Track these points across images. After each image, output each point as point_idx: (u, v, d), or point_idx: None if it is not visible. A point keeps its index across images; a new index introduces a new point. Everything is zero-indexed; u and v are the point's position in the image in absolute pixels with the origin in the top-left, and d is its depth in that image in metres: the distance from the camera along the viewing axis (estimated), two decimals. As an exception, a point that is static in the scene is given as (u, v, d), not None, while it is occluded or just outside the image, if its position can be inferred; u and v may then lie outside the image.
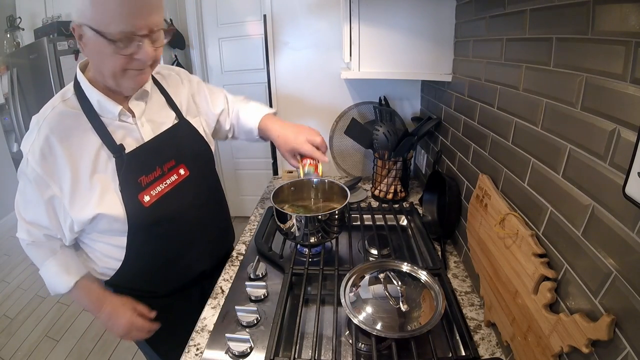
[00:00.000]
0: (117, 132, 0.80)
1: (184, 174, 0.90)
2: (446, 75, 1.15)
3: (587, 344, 0.48)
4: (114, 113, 0.79)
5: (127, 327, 0.88)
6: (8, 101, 2.35)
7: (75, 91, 0.79)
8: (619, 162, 0.45)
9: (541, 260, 0.60)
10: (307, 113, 1.62)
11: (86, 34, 0.68)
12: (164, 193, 0.85)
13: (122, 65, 0.71)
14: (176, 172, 0.88)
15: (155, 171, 0.84)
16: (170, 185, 0.87)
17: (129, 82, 0.76)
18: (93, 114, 0.77)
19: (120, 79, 0.74)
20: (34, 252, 0.86)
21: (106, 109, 0.79)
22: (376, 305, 0.77)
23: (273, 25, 1.50)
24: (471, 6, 0.97)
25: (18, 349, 1.97)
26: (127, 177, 0.79)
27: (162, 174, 0.85)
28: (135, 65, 0.73)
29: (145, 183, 0.82)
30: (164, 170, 0.86)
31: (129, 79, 0.75)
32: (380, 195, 1.39)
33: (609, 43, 0.47)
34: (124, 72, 0.73)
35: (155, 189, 0.84)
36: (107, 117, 0.79)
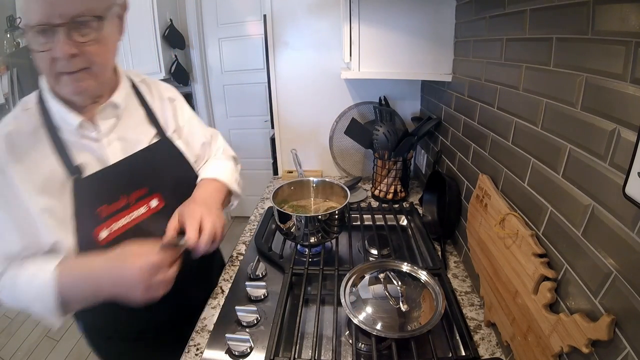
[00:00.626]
0: (78, 151, 0.67)
1: (157, 205, 0.74)
2: (446, 75, 1.15)
3: (587, 344, 0.48)
4: (73, 125, 0.67)
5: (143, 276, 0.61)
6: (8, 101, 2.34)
7: (38, 101, 0.68)
8: (619, 162, 0.45)
9: (541, 260, 0.60)
10: (307, 113, 1.62)
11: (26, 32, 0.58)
12: (127, 229, 0.70)
13: (48, 67, 0.60)
14: (146, 203, 0.73)
15: (118, 201, 0.69)
16: (137, 220, 0.71)
17: (66, 89, 0.64)
18: (53, 128, 0.66)
19: (57, 85, 0.64)
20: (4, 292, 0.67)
21: (66, 120, 0.67)
22: (376, 305, 0.77)
23: (273, 25, 1.50)
24: (471, 6, 0.97)
25: (18, 349, 1.97)
26: (82, 205, 0.65)
27: (127, 205, 0.71)
28: (60, 67, 0.60)
29: (104, 215, 0.68)
30: (130, 200, 0.71)
31: (64, 85, 0.63)
32: (380, 195, 1.39)
33: (609, 43, 0.47)
34: (57, 77, 0.62)
35: (117, 223, 0.69)
36: (67, 131, 0.67)
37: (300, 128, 1.65)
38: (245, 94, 2.89)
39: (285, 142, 1.70)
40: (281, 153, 1.72)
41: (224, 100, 2.95)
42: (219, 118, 3.01)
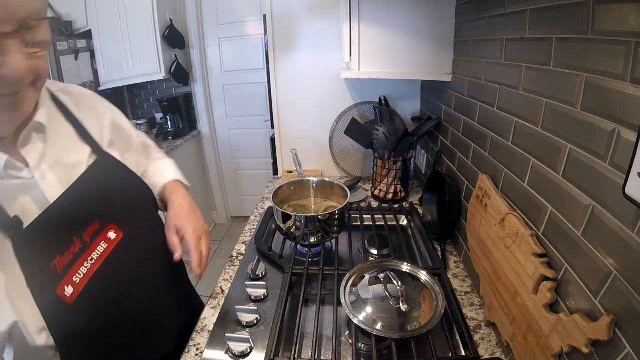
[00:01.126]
0: (9, 197, 0.52)
1: (116, 237, 0.64)
2: (446, 75, 1.15)
3: (587, 344, 0.48)
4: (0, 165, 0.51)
5: None
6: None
7: None
8: (619, 162, 0.45)
9: (541, 260, 0.60)
10: (307, 113, 1.62)
11: None
12: (91, 275, 0.58)
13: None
14: (104, 237, 0.62)
15: (73, 245, 0.57)
16: (99, 261, 0.60)
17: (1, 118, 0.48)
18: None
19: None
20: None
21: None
22: (376, 305, 0.77)
23: (273, 25, 1.50)
24: (471, 6, 0.97)
25: (18, 349, 1.97)
26: (33, 263, 0.52)
27: (84, 246, 0.59)
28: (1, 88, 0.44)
29: (62, 267, 0.55)
30: (85, 240, 0.59)
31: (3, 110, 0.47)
32: (380, 195, 1.39)
33: (609, 43, 0.47)
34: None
35: (79, 271, 0.57)
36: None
37: (300, 128, 1.65)
38: (245, 94, 2.89)
39: (285, 142, 1.70)
40: (281, 153, 1.72)
41: (224, 100, 2.95)
42: (219, 118, 3.01)
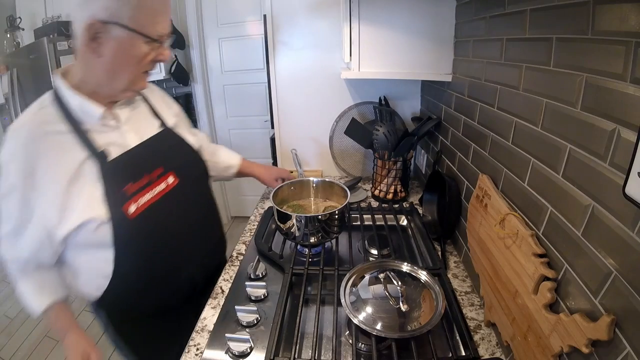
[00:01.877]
0: (100, 138, 0.75)
1: (173, 182, 0.85)
2: (446, 75, 1.15)
3: (587, 344, 0.48)
4: (96, 116, 0.75)
5: None
6: (8, 101, 2.34)
7: (54, 99, 0.74)
8: (619, 162, 0.45)
9: (541, 260, 0.60)
10: (307, 113, 1.62)
11: (112, 34, 0.66)
12: (151, 203, 0.79)
13: (145, 66, 0.73)
14: (164, 180, 0.83)
15: (142, 179, 0.78)
16: (159, 195, 0.81)
17: (139, 84, 0.77)
18: (73, 121, 0.73)
19: (137, 80, 0.75)
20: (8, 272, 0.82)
21: (88, 112, 0.74)
22: (376, 305, 0.77)
23: (273, 25, 1.50)
24: (471, 6, 0.97)
25: (18, 349, 1.97)
26: (111, 185, 0.74)
27: (150, 181, 0.80)
28: (152, 67, 0.76)
29: (131, 192, 0.76)
30: (152, 177, 0.81)
31: (141, 80, 0.77)
32: (380, 195, 1.39)
33: (609, 43, 0.47)
34: (141, 75, 0.75)
35: (142, 198, 0.78)
36: (88, 123, 0.75)
37: (300, 128, 1.65)
38: (245, 94, 2.89)
39: (285, 142, 1.70)
40: (281, 153, 1.72)
41: (224, 100, 2.95)
42: (219, 118, 3.01)
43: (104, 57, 0.69)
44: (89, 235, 0.74)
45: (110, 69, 0.72)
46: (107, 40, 0.67)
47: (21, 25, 2.58)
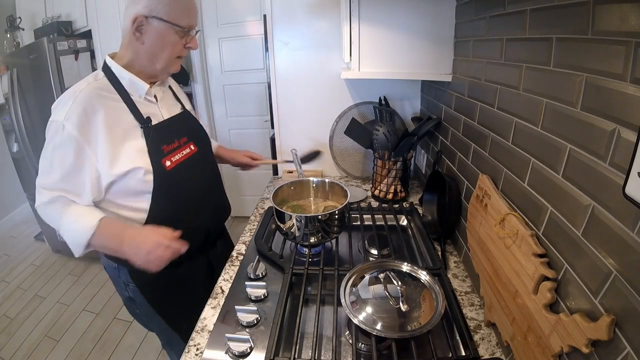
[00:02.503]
0: (143, 108, 0.94)
1: (194, 149, 1.05)
2: (446, 75, 1.15)
3: (587, 344, 0.48)
4: (144, 90, 0.94)
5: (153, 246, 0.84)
6: (8, 101, 2.34)
7: (105, 74, 0.91)
8: (619, 162, 0.45)
9: (541, 260, 0.60)
10: (307, 113, 1.62)
11: (153, 25, 0.86)
12: (180, 161, 0.98)
13: (178, 52, 0.92)
14: (188, 146, 1.03)
15: (173, 143, 0.98)
16: (185, 156, 1.01)
17: (174, 67, 0.96)
18: (123, 91, 0.91)
19: (170, 64, 0.94)
20: (52, 209, 0.88)
21: (137, 86, 0.93)
22: (376, 305, 0.77)
23: (273, 25, 1.50)
24: (471, 6, 0.97)
25: (18, 349, 1.97)
26: (152, 143, 0.92)
27: (179, 146, 1.00)
28: (183, 53, 0.94)
29: (167, 151, 0.95)
30: (180, 143, 1.01)
31: (175, 64, 0.96)
32: (380, 195, 1.39)
33: (609, 43, 0.47)
34: (174, 60, 0.94)
35: (174, 157, 0.97)
36: (135, 95, 0.93)
37: (300, 128, 1.65)
38: (245, 94, 2.88)
39: (285, 142, 1.70)
40: (281, 153, 1.72)
41: (224, 100, 2.95)
42: (219, 118, 3.01)
43: (146, 44, 0.88)
44: (137, 183, 0.90)
45: (151, 53, 0.90)
46: (148, 31, 0.86)
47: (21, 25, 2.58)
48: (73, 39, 2.32)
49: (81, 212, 0.87)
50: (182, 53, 0.94)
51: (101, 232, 0.85)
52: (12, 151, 2.59)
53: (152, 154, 0.91)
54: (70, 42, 2.29)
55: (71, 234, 0.87)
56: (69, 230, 0.87)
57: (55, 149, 0.84)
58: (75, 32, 2.46)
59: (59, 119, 0.83)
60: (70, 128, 0.82)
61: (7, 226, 3.37)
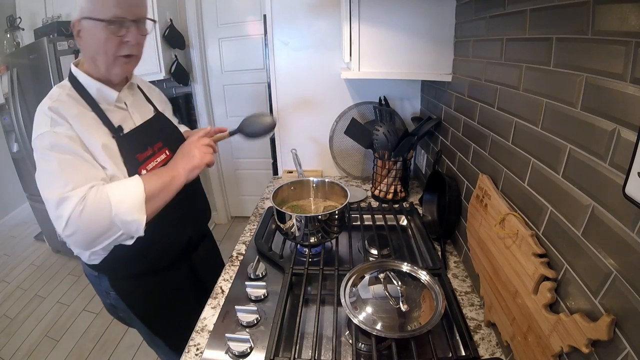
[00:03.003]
0: (114, 117, 0.90)
1: (169, 154, 0.99)
2: (446, 75, 1.15)
3: (587, 344, 0.48)
4: (112, 98, 0.90)
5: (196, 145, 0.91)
6: (8, 101, 2.34)
7: (71, 84, 0.87)
8: (619, 162, 0.45)
9: (541, 260, 0.60)
10: (307, 113, 1.62)
11: (84, 26, 0.81)
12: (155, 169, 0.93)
13: (114, 49, 0.82)
14: (164, 152, 0.99)
15: (147, 150, 0.94)
16: (160, 163, 0.96)
17: (118, 69, 0.87)
18: (91, 100, 0.87)
19: (112, 65, 0.85)
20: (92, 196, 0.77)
21: (105, 95, 0.89)
22: (376, 305, 0.77)
23: (273, 25, 1.50)
24: (471, 6, 0.97)
25: (18, 349, 1.97)
26: (127, 153, 0.89)
27: (153, 153, 0.96)
28: (124, 50, 0.84)
29: (141, 159, 0.92)
30: (155, 149, 0.96)
31: (119, 66, 0.86)
32: (380, 195, 1.39)
33: (609, 43, 0.47)
34: (115, 60, 0.84)
35: (149, 164, 0.93)
36: (104, 104, 0.89)
37: (300, 128, 1.65)
38: (245, 94, 2.89)
39: (285, 142, 1.70)
40: (281, 153, 1.72)
41: (224, 100, 2.95)
42: (219, 118, 3.01)
43: (85, 48, 0.85)
44: None
45: (90, 56, 0.86)
46: (84, 33, 0.82)
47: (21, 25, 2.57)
48: (73, 38, 2.31)
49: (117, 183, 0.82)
50: (123, 51, 0.84)
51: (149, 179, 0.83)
52: (12, 151, 2.59)
53: (127, 164, 0.87)
54: (70, 42, 2.28)
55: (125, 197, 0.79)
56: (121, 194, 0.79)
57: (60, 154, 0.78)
58: (75, 32, 2.46)
59: (45, 130, 0.79)
60: (63, 131, 0.79)
61: (7, 226, 3.37)
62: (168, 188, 0.86)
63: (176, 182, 0.87)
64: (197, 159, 0.89)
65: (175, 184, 0.87)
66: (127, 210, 0.78)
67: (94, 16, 0.79)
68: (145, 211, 0.80)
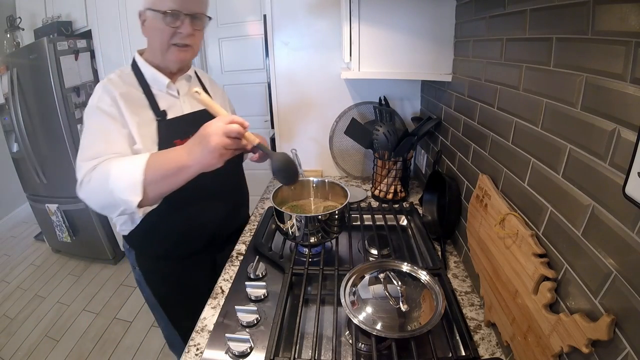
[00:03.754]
0: (163, 101, 0.98)
1: None
2: (446, 75, 1.15)
3: (587, 344, 0.48)
4: (164, 84, 0.98)
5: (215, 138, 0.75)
6: (8, 101, 2.34)
7: (132, 68, 0.99)
8: (619, 162, 0.45)
9: (541, 260, 0.60)
10: (307, 113, 1.62)
11: (147, 16, 0.91)
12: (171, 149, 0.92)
13: (168, 37, 0.92)
14: None
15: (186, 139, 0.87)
16: None
17: (172, 56, 0.95)
18: (145, 84, 0.97)
19: (166, 52, 0.94)
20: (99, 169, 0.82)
21: (157, 80, 0.98)
22: (376, 305, 0.77)
23: (273, 25, 1.50)
24: (471, 6, 0.97)
25: (18, 349, 1.97)
26: (164, 137, 0.94)
27: None
28: (178, 39, 0.93)
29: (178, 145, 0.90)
30: None
31: (172, 53, 0.95)
32: (380, 195, 1.39)
33: (609, 43, 0.47)
34: (169, 47, 0.93)
35: None
36: (156, 88, 0.98)
37: (300, 128, 1.65)
38: (245, 94, 2.88)
39: (285, 142, 1.70)
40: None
41: (224, 100, 2.95)
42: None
43: (147, 36, 0.96)
44: None
45: (150, 44, 0.97)
46: (147, 23, 0.93)
47: (21, 25, 2.57)
48: (73, 39, 2.31)
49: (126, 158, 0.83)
50: (175, 40, 0.92)
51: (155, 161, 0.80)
52: (12, 151, 2.59)
53: (161, 147, 0.92)
54: (70, 42, 2.28)
55: (123, 175, 0.79)
56: (120, 172, 0.79)
57: (95, 124, 0.89)
58: (75, 32, 2.46)
59: (92, 104, 0.90)
60: (105, 107, 0.88)
61: (7, 226, 3.37)
62: (176, 177, 0.81)
63: (185, 174, 0.80)
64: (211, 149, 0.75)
65: (184, 175, 0.81)
66: (123, 189, 0.78)
67: (155, 8, 0.89)
68: (145, 194, 0.79)
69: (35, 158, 2.41)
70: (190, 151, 0.79)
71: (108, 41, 2.37)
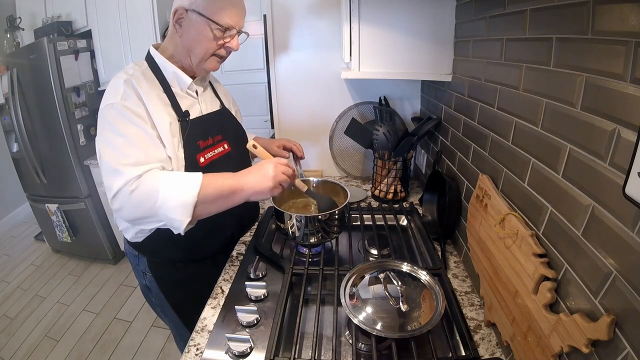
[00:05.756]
0: (183, 101, 0.95)
1: (227, 148, 1.03)
2: (446, 75, 1.15)
3: (587, 344, 0.48)
4: (186, 84, 0.95)
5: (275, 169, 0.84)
6: (8, 101, 2.34)
7: (148, 64, 0.93)
8: (619, 162, 0.45)
9: (541, 260, 0.60)
10: (307, 113, 1.62)
11: (190, 18, 0.86)
12: (213, 159, 0.98)
13: (214, 49, 0.90)
14: (222, 145, 1.02)
15: (208, 140, 0.97)
16: (218, 155, 1.00)
17: (209, 65, 0.94)
18: (165, 83, 0.92)
19: (205, 61, 0.93)
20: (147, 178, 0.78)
21: (180, 79, 0.95)
22: (376, 305, 0.77)
23: (273, 25, 1.50)
24: (471, 6, 0.97)
25: (18, 349, 1.97)
26: (189, 138, 0.92)
27: (213, 143, 0.99)
28: (221, 52, 0.93)
29: (202, 147, 0.95)
30: (214, 140, 0.99)
31: (210, 63, 0.94)
32: (380, 195, 1.39)
33: (609, 43, 0.47)
34: (210, 57, 0.92)
35: (208, 154, 0.96)
36: (176, 88, 0.94)
37: (300, 128, 1.65)
38: (245, 94, 2.88)
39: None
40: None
41: (224, 100, 2.95)
42: (219, 118, 3.01)
43: (183, 37, 0.90)
44: None
45: (188, 47, 0.91)
46: (187, 24, 0.87)
47: (21, 25, 2.57)
48: (73, 39, 2.31)
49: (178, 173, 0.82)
50: (220, 52, 0.92)
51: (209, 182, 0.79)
52: (12, 151, 2.59)
53: (187, 148, 0.90)
54: (70, 42, 2.28)
55: (175, 194, 0.77)
56: (172, 191, 0.77)
57: (126, 126, 0.81)
58: (75, 32, 2.46)
59: (115, 101, 0.82)
60: (133, 107, 0.83)
61: (7, 226, 3.37)
62: (226, 199, 0.82)
63: (236, 197, 0.83)
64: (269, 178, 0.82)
65: (235, 198, 0.83)
66: (173, 208, 0.77)
67: (209, 16, 0.85)
68: (193, 214, 0.78)
69: (35, 158, 2.41)
70: (247, 175, 0.84)
71: (108, 41, 2.37)
